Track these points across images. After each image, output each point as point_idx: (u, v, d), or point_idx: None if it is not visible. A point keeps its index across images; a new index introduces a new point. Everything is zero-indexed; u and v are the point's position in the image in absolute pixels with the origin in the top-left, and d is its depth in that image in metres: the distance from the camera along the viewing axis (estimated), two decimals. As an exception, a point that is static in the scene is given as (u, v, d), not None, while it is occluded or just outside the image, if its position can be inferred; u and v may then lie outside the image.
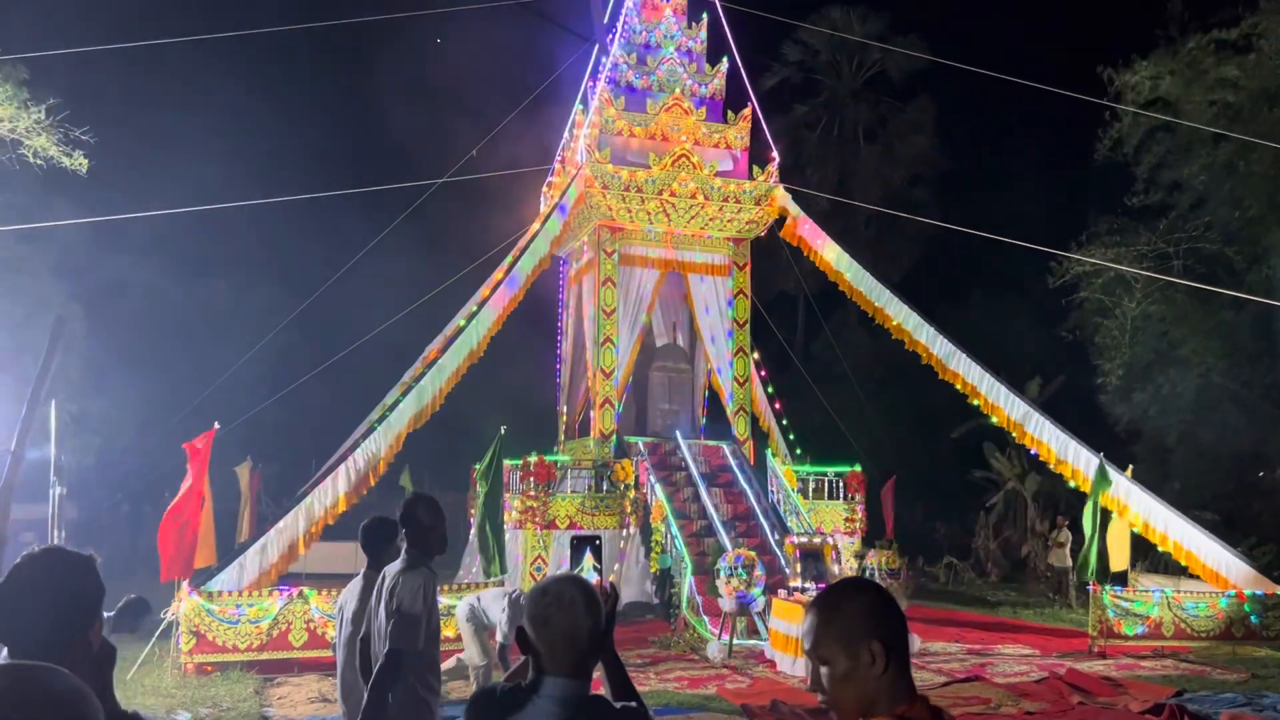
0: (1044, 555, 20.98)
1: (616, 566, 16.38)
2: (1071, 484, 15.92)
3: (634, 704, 2.64)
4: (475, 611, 9.48)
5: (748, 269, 19.40)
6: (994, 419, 16.71)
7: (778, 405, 21.36)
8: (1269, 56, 20.49)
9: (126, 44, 15.23)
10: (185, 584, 11.66)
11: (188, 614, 11.57)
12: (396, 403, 15.67)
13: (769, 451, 18.12)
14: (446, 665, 10.02)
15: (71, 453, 17.93)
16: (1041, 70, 30.87)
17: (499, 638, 9.30)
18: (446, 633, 10.13)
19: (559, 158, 20.60)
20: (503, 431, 13.98)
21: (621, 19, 19.73)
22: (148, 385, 21.59)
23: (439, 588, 5.23)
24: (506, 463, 16.15)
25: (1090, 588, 13.71)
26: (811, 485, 17.93)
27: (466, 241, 21.57)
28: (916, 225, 27.81)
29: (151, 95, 25.50)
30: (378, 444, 14.88)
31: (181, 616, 11.58)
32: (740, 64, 19.64)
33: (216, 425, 12.91)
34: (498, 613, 9.28)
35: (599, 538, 5.45)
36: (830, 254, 18.75)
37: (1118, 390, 23.15)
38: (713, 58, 19.90)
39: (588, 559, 4.67)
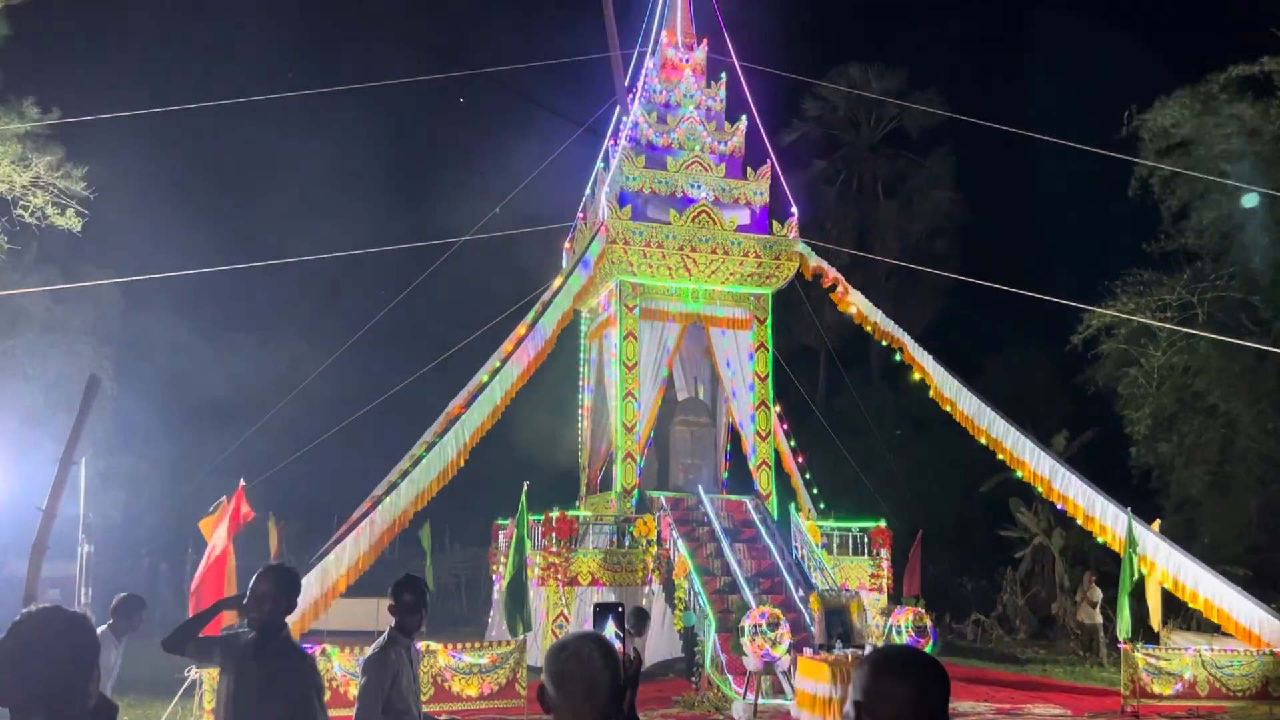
0: (1073, 612, 20.64)
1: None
2: (1100, 540, 15.71)
3: None
4: None
5: (768, 322, 19.46)
6: (1020, 474, 16.57)
7: (800, 459, 21.27)
8: None
9: (155, 109, 15.61)
10: (208, 642, 11.64)
11: (210, 672, 11.52)
12: (420, 459, 15.71)
13: (793, 506, 18.00)
14: None
15: (98, 509, 18.06)
16: (1061, 118, 31.18)
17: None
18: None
19: (581, 214, 20.83)
20: (526, 487, 13.97)
21: (642, 79, 20.06)
22: (174, 442, 21.78)
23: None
24: (529, 518, 16.11)
25: (1121, 646, 13.47)
26: (836, 541, 17.78)
27: (489, 298, 21.75)
28: (937, 279, 27.85)
29: (180, 153, 26.03)
30: (398, 502, 14.89)
31: (204, 674, 11.54)
32: (759, 121, 19.92)
33: (243, 482, 12.97)
34: None
35: (621, 605, 5.46)
36: (861, 304, 18.83)
37: (1144, 442, 22.96)
38: (732, 115, 20.17)
39: (610, 626, 4.68)
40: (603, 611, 5.31)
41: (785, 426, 21.02)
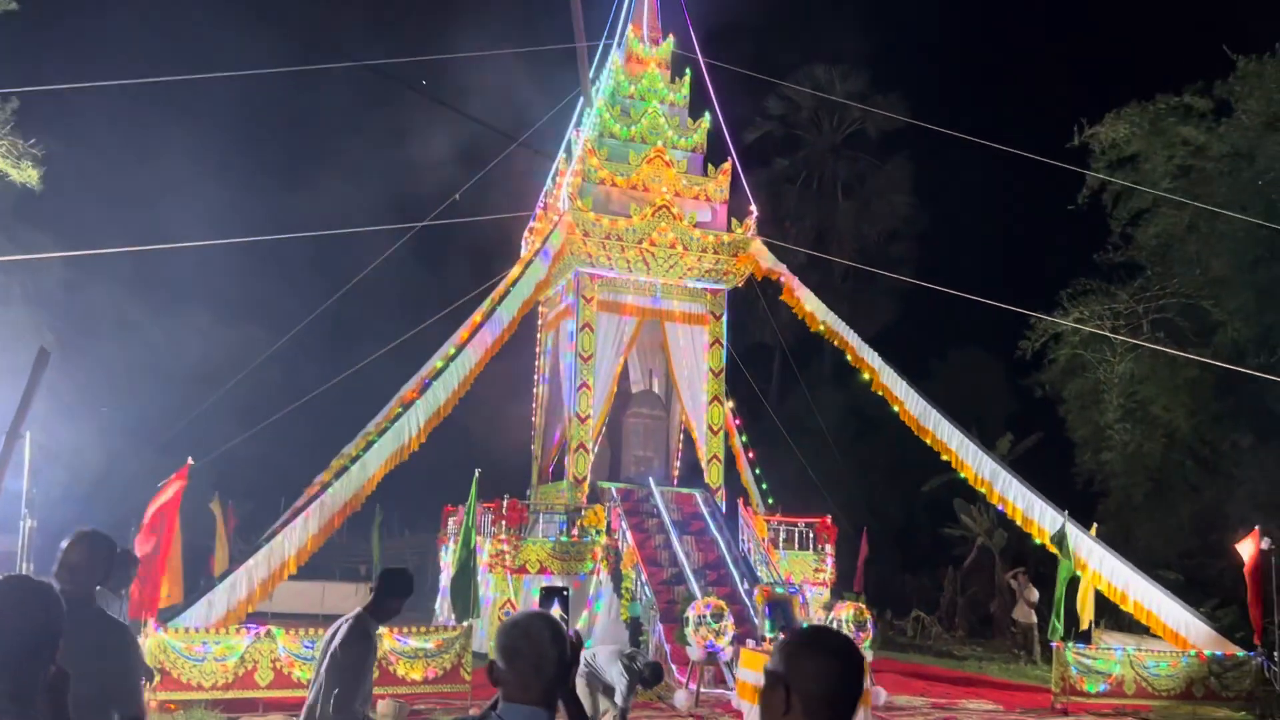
0: (1011, 611, 21.13)
1: (584, 613, 16.39)
2: (1038, 541, 16.12)
3: None
4: (591, 669, 9.38)
5: (724, 319, 19.66)
6: (963, 475, 16.94)
7: (751, 455, 21.54)
8: (1240, 119, 21.11)
9: (112, 81, 15.42)
10: (151, 620, 11.61)
11: (152, 650, 11.49)
12: (371, 443, 15.70)
13: (741, 500, 18.24)
14: None
15: (41, 485, 17.83)
16: (1020, 127, 31.72)
17: (618, 699, 9.13)
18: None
19: (541, 204, 20.88)
20: (477, 475, 14.03)
21: (607, 72, 20.13)
22: (119, 418, 21.52)
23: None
24: (479, 506, 16.19)
25: (1053, 645, 13.86)
26: (782, 535, 18.05)
27: (446, 284, 21.74)
28: (893, 281, 28.25)
29: (136, 128, 25.66)
30: (348, 485, 14.89)
31: (146, 652, 11.50)
32: (721, 119, 20.09)
33: (190, 460, 12.91)
34: (616, 675, 9.14)
35: (567, 589, 5.60)
36: (812, 304, 19.07)
37: (1088, 448, 23.52)
38: (695, 112, 20.31)
39: (555, 610, 4.82)
40: (548, 595, 5.46)
41: (738, 422, 21.26)
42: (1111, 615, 18.42)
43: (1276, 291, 20.90)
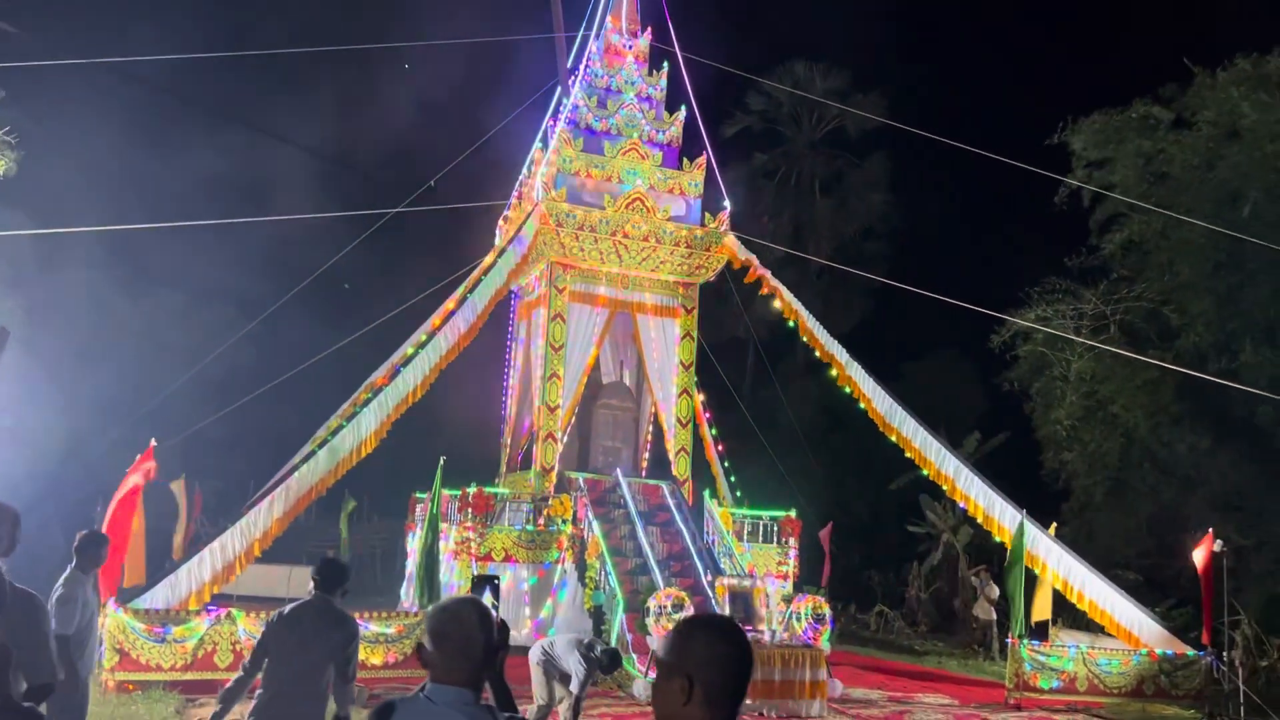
0: (973, 607, 21.41)
1: (549, 602, 16.49)
2: (998, 539, 16.35)
3: (518, 717, 2.91)
4: (549, 657, 9.46)
5: (695, 312, 19.77)
6: (927, 472, 17.14)
7: (721, 448, 21.66)
8: (1200, 129, 21.43)
9: (82, 60, 15.33)
10: (111, 600, 11.62)
11: (112, 630, 11.51)
12: (339, 428, 15.71)
13: (707, 493, 18.37)
14: None
15: (2, 465, 17.73)
16: (1000, 127, 32.00)
17: (574, 687, 9.20)
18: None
19: (516, 193, 20.90)
20: (442, 461, 14.10)
21: (584, 62, 20.16)
22: (87, 398, 21.40)
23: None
24: (445, 493, 16.25)
25: (1009, 640, 14.09)
26: (747, 528, 18.19)
27: (420, 270, 21.73)
28: (867, 278, 28.45)
29: (108, 107, 25.42)
30: (316, 469, 14.90)
31: (105, 632, 11.52)
32: (698, 113, 20.15)
33: (154, 441, 12.91)
34: (573, 663, 9.22)
35: (499, 576, 5.71)
36: (785, 298, 19.20)
37: (1053, 447, 23.84)
38: (672, 105, 20.38)
39: (487, 596, 4.92)
40: (480, 582, 5.55)
41: (708, 415, 21.37)
42: (1070, 613, 18.71)
43: (1236, 298, 21.25)
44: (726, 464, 21.33)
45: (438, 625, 2.67)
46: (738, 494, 20.91)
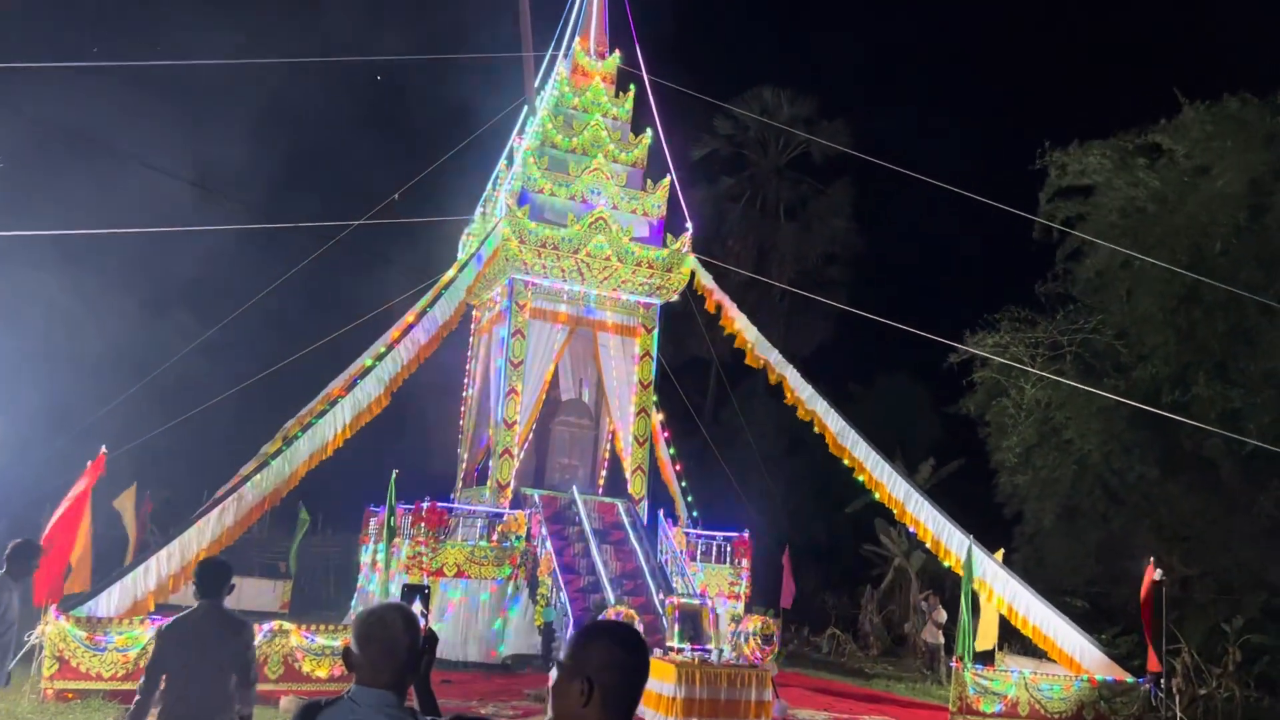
0: (921, 631, 21.59)
1: (500, 619, 16.45)
2: (945, 564, 16.54)
3: None
4: None
5: (655, 332, 19.89)
6: (879, 496, 17.32)
7: (679, 467, 21.75)
8: (1177, 163, 21.89)
9: (51, 64, 15.23)
10: (53, 608, 11.48)
11: (52, 638, 11.37)
12: (294, 438, 15.65)
13: (661, 512, 18.44)
14: None
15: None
16: (966, 154, 32.50)
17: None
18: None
19: (480, 209, 20.97)
20: (395, 475, 14.08)
21: (552, 82, 20.31)
22: (35, 403, 21.12)
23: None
24: (399, 507, 16.23)
25: (954, 664, 14.25)
26: (701, 548, 18.28)
27: (381, 283, 21.69)
28: (829, 302, 28.73)
29: (71, 111, 25.21)
30: (269, 480, 14.84)
31: (46, 640, 11.38)
32: (663, 136, 20.34)
33: (104, 449, 12.80)
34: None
35: (428, 586, 5.70)
36: (740, 324, 19.36)
37: (1006, 472, 24.14)
38: (638, 128, 20.55)
39: (416, 606, 4.93)
40: (410, 591, 5.54)
41: (667, 434, 21.47)
42: (1016, 639, 18.95)
43: (1195, 333, 21.68)
44: (684, 484, 21.43)
45: (364, 629, 2.75)
46: (694, 514, 21.01)
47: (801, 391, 17.91)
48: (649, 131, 20.31)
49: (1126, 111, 23.93)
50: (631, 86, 20.61)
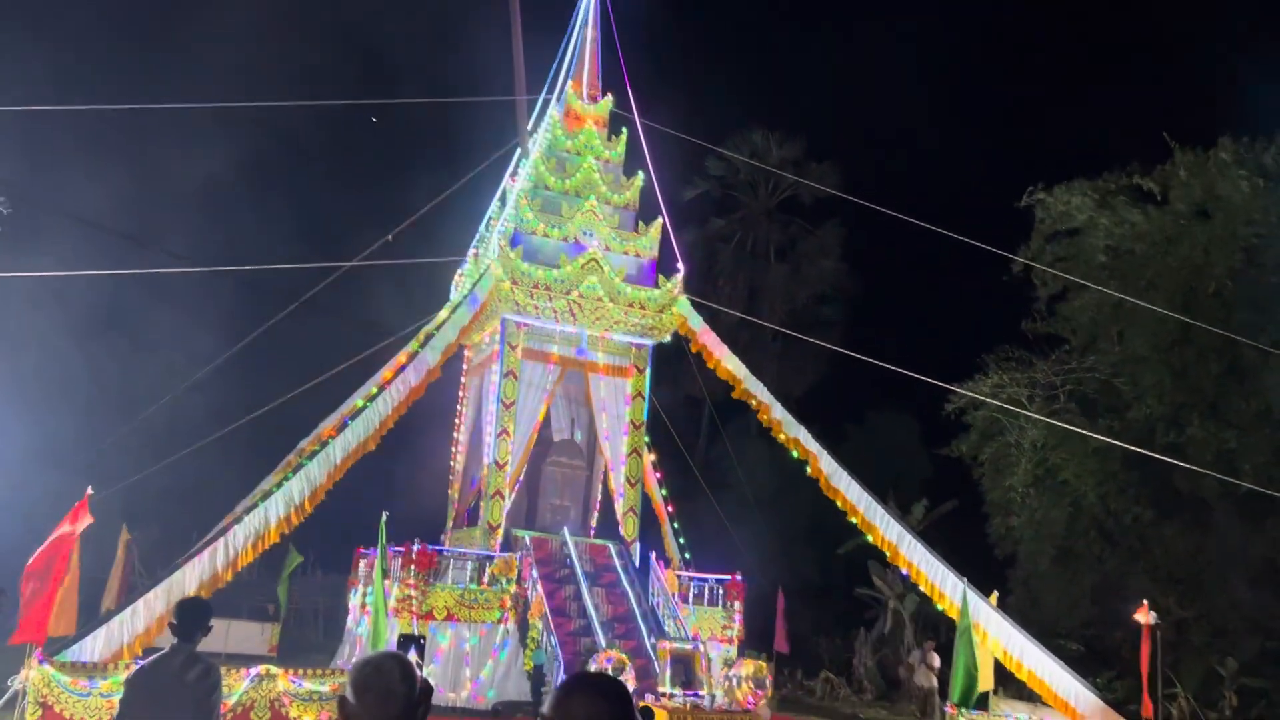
0: (915, 674, 21.40)
1: (489, 663, 16.27)
2: (939, 607, 16.43)
3: None
4: None
5: (647, 372, 19.88)
6: (871, 538, 17.24)
7: (671, 508, 21.64)
8: (1174, 206, 22.05)
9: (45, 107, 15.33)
10: (36, 651, 11.33)
11: (36, 683, 11.21)
12: (285, 480, 15.57)
13: (653, 554, 18.33)
14: None
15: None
16: (955, 194, 32.76)
17: None
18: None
19: (473, 250, 21.04)
20: (385, 517, 13.99)
21: (545, 125, 20.47)
22: (25, 443, 21.01)
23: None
24: (390, 549, 16.09)
25: (948, 709, 14.11)
26: (693, 590, 18.15)
27: (374, 325, 21.69)
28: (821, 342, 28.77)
29: (60, 151, 25.36)
30: (261, 521, 14.74)
31: (30, 686, 11.22)
32: (655, 178, 20.48)
33: (90, 490, 12.70)
34: None
35: (424, 637, 5.66)
36: (730, 364, 19.36)
37: (999, 512, 24.07)
38: (630, 169, 20.69)
39: (412, 655, 4.89)
40: (405, 641, 5.51)
41: (659, 475, 21.38)
42: (1011, 683, 18.79)
43: (1189, 373, 21.75)
44: (676, 525, 21.31)
45: (360, 678, 2.72)
46: (686, 556, 20.87)
47: (794, 432, 17.88)
48: (641, 174, 20.45)
49: (1114, 152, 24.14)
50: (624, 130, 20.79)
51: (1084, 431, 20.27)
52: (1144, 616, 14.72)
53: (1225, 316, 20.50)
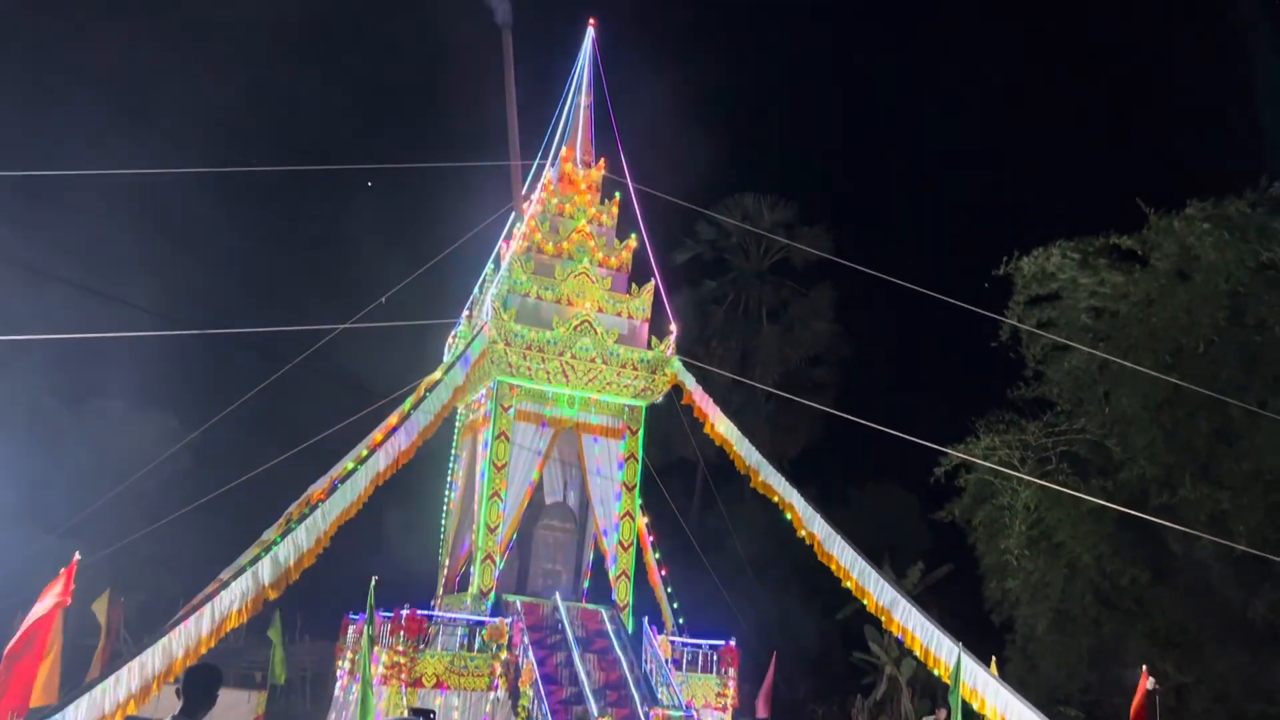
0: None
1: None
2: (935, 672, 16.20)
3: None
4: None
5: (640, 433, 19.84)
6: (866, 603, 17.05)
7: (664, 572, 21.42)
8: (1154, 267, 22.25)
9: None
10: (16, 721, 11.09)
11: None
12: (274, 544, 15.38)
13: (646, 620, 18.10)
14: None
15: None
16: (945, 258, 33.04)
17: None
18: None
19: (466, 312, 21.11)
20: (374, 582, 13.83)
21: (539, 189, 20.68)
22: (14, 506, 20.85)
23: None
24: (379, 615, 15.90)
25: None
26: (687, 657, 17.90)
27: (365, 388, 21.67)
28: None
29: (50, 214, 25.56)
30: (248, 586, 14.53)
31: (6, 758, 10.95)
32: (647, 242, 20.64)
33: (78, 556, 12.55)
34: None
35: (433, 711, 5.57)
36: (721, 426, 19.32)
37: (994, 576, 23.89)
38: (624, 232, 20.87)
39: (422, 729, 4.81)
40: (415, 715, 5.39)
41: (652, 538, 21.20)
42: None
43: (1180, 433, 21.75)
44: (669, 589, 21.07)
45: None
46: (680, 621, 20.62)
47: (789, 496, 17.78)
48: (633, 236, 20.63)
49: (1103, 212, 24.44)
50: (617, 193, 21.00)
51: (1075, 493, 20.22)
52: (1142, 683, 14.52)
53: (1213, 375, 20.57)
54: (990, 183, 41.97)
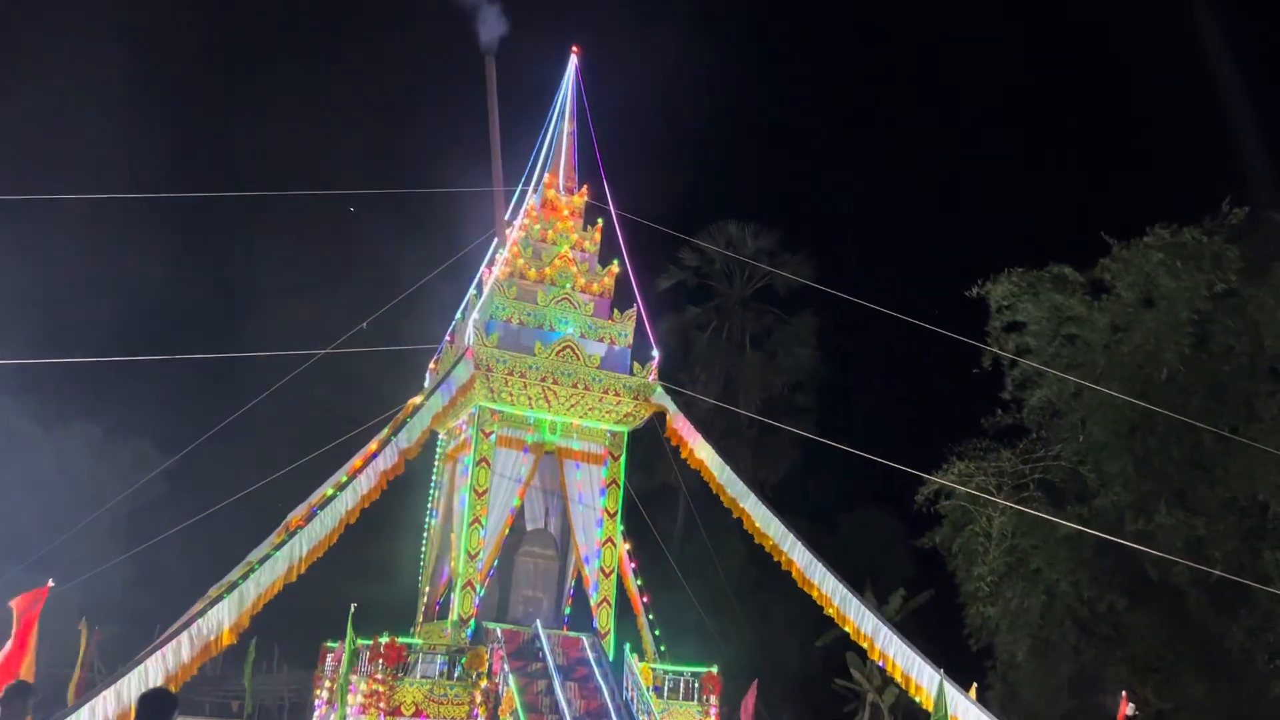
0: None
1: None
2: (916, 699, 16.18)
3: None
4: None
5: (622, 459, 19.80)
6: (847, 630, 17.04)
7: (646, 599, 21.33)
8: (1118, 295, 22.47)
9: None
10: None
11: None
12: (252, 571, 15.25)
13: (628, 647, 18.00)
14: None
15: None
16: (925, 285, 33.25)
17: None
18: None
19: (448, 337, 21.08)
20: (353, 609, 13.72)
21: (521, 215, 20.74)
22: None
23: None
24: (358, 642, 15.76)
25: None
26: (668, 684, 17.80)
27: (345, 414, 21.55)
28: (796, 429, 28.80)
29: (33, 239, 25.42)
30: (224, 614, 14.41)
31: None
32: (630, 268, 20.69)
33: (51, 583, 12.43)
34: None
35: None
36: (702, 453, 19.32)
37: (976, 604, 23.90)
38: (606, 259, 20.92)
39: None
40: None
41: (634, 565, 21.12)
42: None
43: (1151, 460, 21.90)
44: (651, 616, 20.98)
45: None
46: (661, 648, 20.52)
47: (767, 525, 17.78)
48: (616, 262, 20.67)
49: (1075, 240, 24.77)
50: (599, 220, 21.08)
51: (1049, 517, 20.33)
52: (1125, 708, 14.55)
53: (1183, 402, 20.75)
54: (972, 210, 42.48)
